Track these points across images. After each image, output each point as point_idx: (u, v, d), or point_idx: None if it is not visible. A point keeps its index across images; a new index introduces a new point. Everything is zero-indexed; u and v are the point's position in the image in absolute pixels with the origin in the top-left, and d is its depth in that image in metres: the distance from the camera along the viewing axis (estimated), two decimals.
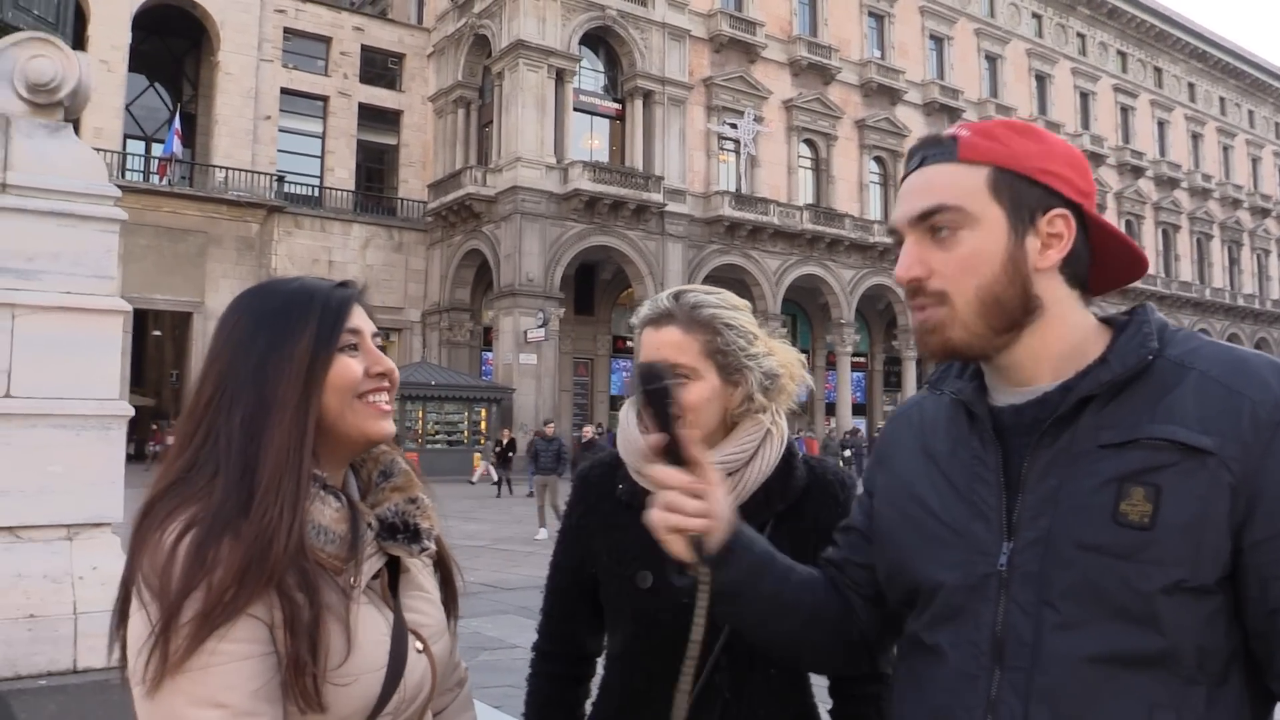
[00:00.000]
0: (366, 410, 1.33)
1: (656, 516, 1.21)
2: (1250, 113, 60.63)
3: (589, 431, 17.65)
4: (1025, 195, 1.15)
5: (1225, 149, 58.21)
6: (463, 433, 31.87)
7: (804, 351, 40.24)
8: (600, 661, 1.83)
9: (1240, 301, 55.88)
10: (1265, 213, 59.59)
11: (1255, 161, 60.23)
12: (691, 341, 1.64)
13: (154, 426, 31.88)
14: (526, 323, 31.81)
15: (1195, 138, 56.33)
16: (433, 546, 1.39)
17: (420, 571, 1.41)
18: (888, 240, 39.19)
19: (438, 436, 31.72)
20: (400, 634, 1.29)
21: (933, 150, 1.20)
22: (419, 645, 1.33)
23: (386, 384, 1.36)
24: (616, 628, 1.73)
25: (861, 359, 41.76)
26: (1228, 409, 1.06)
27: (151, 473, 1.34)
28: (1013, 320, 1.16)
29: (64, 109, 3.63)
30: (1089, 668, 1.05)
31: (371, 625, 1.26)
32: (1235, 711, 1.06)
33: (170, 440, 1.32)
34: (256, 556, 1.15)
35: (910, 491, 1.26)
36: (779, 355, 1.71)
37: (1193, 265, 54.60)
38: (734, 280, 36.69)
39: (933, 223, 1.17)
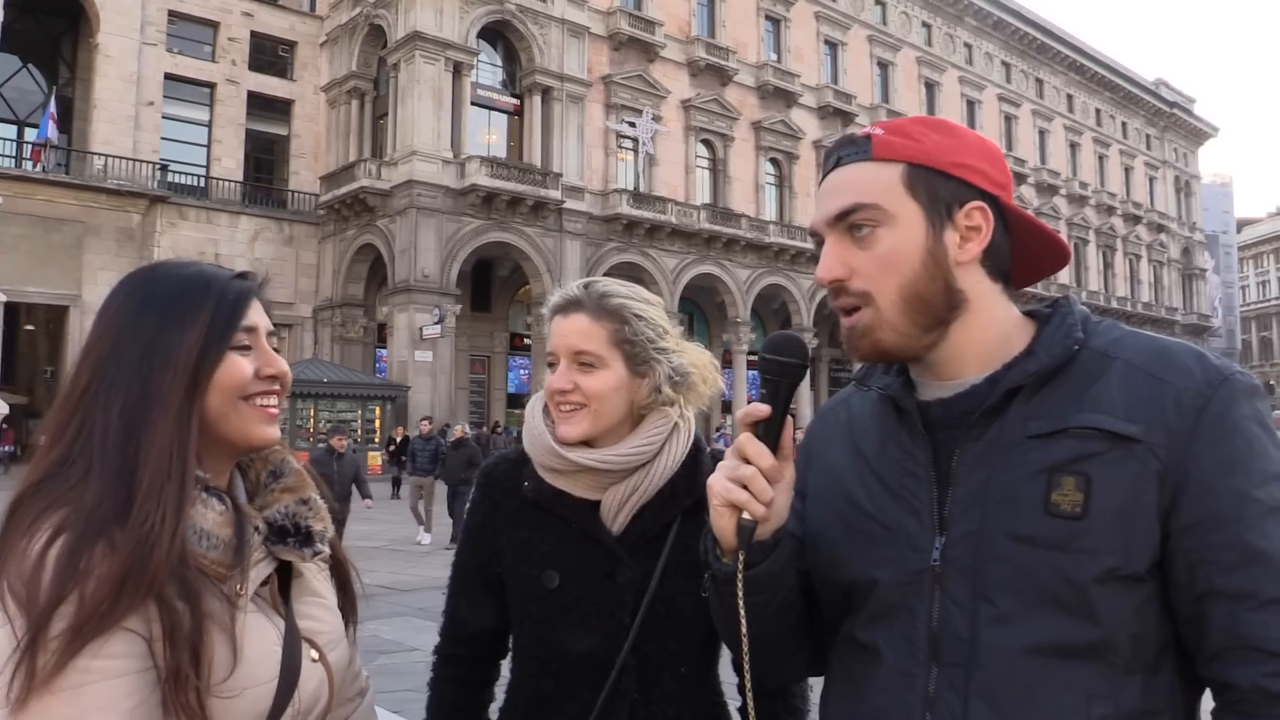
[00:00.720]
0: (252, 413, 1.25)
1: (721, 485, 1.14)
2: (1124, 124, 63.52)
3: (460, 431, 16.77)
4: (941, 190, 1.15)
5: (1101, 158, 60.87)
6: (356, 431, 31.19)
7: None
8: (505, 664, 1.78)
9: (1114, 304, 58.48)
10: (1136, 219, 62.53)
11: (1128, 171, 63.13)
12: (599, 329, 1.62)
13: (2, 426, 29.66)
14: (422, 319, 31.31)
15: (1073, 146, 58.76)
16: (326, 550, 1.32)
17: (315, 576, 1.34)
18: (783, 240, 39.89)
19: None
20: (293, 642, 1.22)
21: (848, 150, 1.20)
22: (314, 654, 1.26)
23: (277, 387, 1.28)
24: (522, 629, 1.69)
25: (757, 357, 42.30)
26: (1153, 396, 1.07)
27: (10, 476, 1.23)
28: (938, 317, 1.16)
29: None
30: (1026, 660, 1.05)
31: (260, 635, 1.18)
32: (1169, 700, 1.07)
33: (41, 440, 1.21)
34: (135, 566, 1.07)
35: (841, 490, 1.25)
36: (691, 355, 1.70)
37: (1070, 268, 56.90)
38: (632, 278, 35.92)
39: (850, 222, 1.17)
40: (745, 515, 1.14)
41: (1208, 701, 1.09)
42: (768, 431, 1.16)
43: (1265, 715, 1.00)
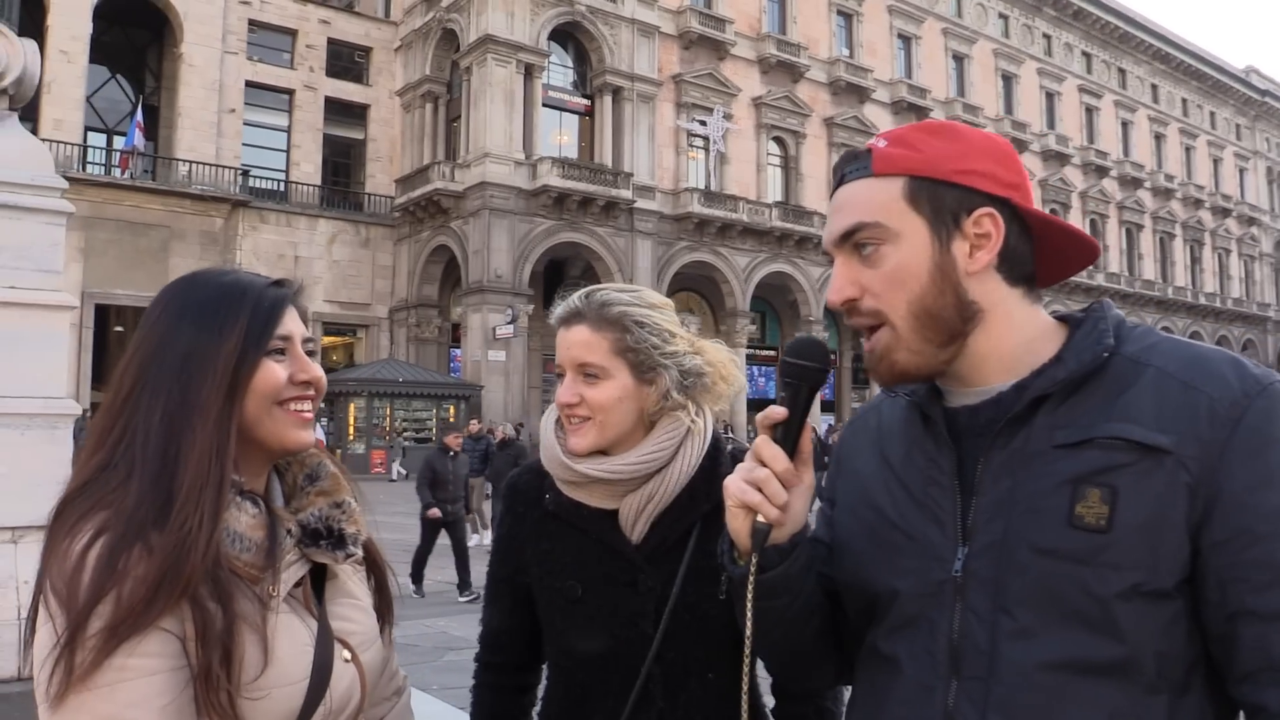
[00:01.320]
0: (286, 418, 1.28)
1: (736, 487, 1.14)
2: (1212, 114, 61.46)
3: (501, 431, 15.95)
4: (945, 200, 1.12)
5: (1188, 149, 58.97)
6: (431, 430, 31.68)
7: (772, 349, 39.46)
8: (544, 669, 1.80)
9: (1202, 300, 56.67)
10: (1226, 212, 60.45)
11: (1216, 162, 61.06)
12: (600, 340, 1.62)
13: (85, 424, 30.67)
14: (495, 319, 31.65)
15: (1158, 138, 57.03)
16: (359, 552, 1.34)
17: (350, 578, 1.36)
18: None
19: (405, 434, 31.52)
20: (325, 643, 1.24)
21: (851, 166, 1.18)
22: (346, 654, 1.28)
23: (311, 392, 1.31)
24: (551, 639, 1.71)
25: (830, 356, 41.90)
26: (1185, 406, 1.03)
27: None
28: (952, 331, 1.13)
29: (8, 98, 3.52)
30: (1046, 676, 1.02)
31: (291, 635, 1.21)
32: None
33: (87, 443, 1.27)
34: (171, 568, 1.10)
35: (867, 498, 1.23)
36: (708, 355, 1.68)
37: (1155, 264, 55.29)
38: (703, 277, 36.67)
39: (855, 241, 1.15)
40: (760, 518, 1.14)
41: None
42: (785, 435, 1.15)
43: None
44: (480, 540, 14.75)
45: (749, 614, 1.15)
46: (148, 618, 1.08)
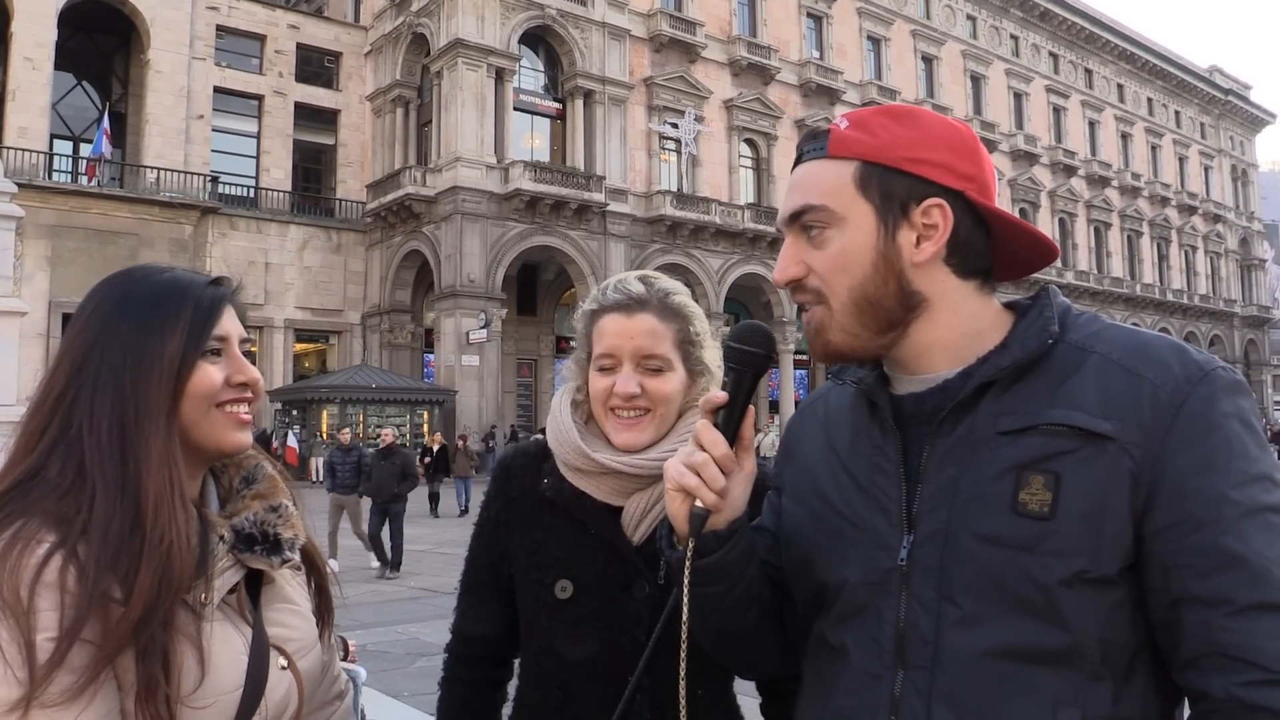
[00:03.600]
0: (224, 420, 1.25)
1: (675, 470, 1.14)
2: (1177, 113, 62.17)
3: (388, 435, 13.91)
4: (895, 188, 1.11)
5: (1153, 148, 59.62)
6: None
7: None
8: (516, 664, 1.72)
9: (1169, 296, 57.26)
10: (1191, 210, 61.17)
11: (1182, 160, 61.78)
12: (667, 330, 1.56)
13: None
14: (468, 324, 31.53)
15: (1125, 137, 57.64)
16: (295, 557, 1.31)
17: (288, 582, 1.33)
18: None
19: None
20: (260, 651, 1.21)
21: (810, 146, 1.17)
22: (283, 662, 1.24)
23: (249, 394, 1.28)
24: (531, 637, 1.62)
25: (804, 357, 41.99)
26: (1128, 392, 1.03)
27: None
28: (891, 319, 1.13)
29: None
30: (990, 664, 1.01)
31: (225, 645, 1.18)
32: (1142, 707, 1.02)
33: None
34: (164, 586, 1.08)
35: (814, 486, 1.22)
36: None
37: (1124, 261, 55.82)
38: (677, 279, 36.59)
39: (803, 222, 1.14)
40: (698, 503, 1.13)
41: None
42: (727, 420, 1.15)
43: None
44: (334, 568, 13.49)
45: (685, 598, 1.14)
46: (138, 637, 1.06)
